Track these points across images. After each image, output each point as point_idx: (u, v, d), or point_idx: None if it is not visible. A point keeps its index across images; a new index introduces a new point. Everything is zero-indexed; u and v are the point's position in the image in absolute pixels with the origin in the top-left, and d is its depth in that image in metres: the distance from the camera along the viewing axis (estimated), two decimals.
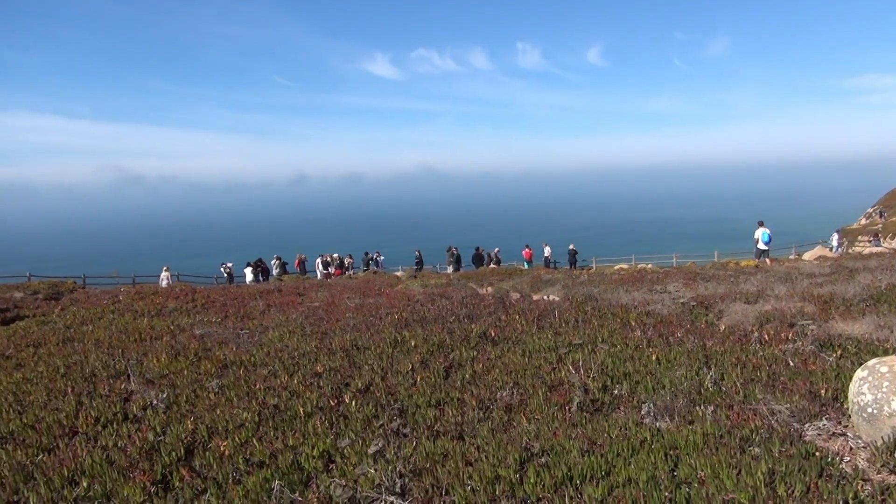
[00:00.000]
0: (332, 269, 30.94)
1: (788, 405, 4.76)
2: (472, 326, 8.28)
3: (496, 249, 33.73)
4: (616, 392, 5.49)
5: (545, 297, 12.18)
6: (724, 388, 5.32)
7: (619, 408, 5.26)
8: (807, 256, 26.48)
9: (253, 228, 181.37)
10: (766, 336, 6.95)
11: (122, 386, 6.51)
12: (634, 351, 6.69)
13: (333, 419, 5.19)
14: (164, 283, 27.23)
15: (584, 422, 4.86)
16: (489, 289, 17.69)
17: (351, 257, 34.77)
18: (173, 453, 4.70)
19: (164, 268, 29.01)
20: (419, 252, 34.90)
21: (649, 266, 29.45)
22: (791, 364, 5.91)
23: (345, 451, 4.52)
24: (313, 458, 4.46)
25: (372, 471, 4.13)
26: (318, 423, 5.08)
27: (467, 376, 6.17)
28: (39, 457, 4.87)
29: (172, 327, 9.87)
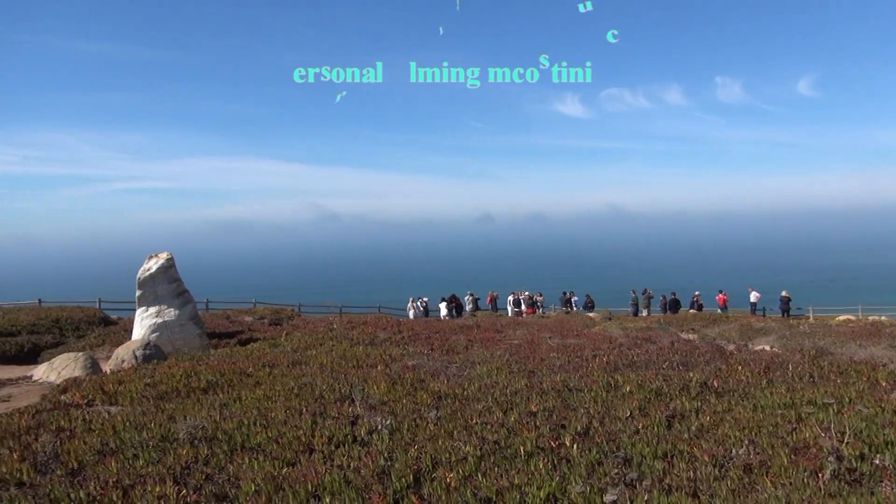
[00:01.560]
0: (524, 308, 31.05)
1: None
2: (691, 375, 7.78)
3: (696, 294, 31.76)
4: (877, 462, 4.80)
5: (765, 348, 11.17)
6: None
7: (882, 481, 4.58)
8: None
9: (441, 264, 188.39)
10: None
11: (349, 409, 6.94)
12: (893, 416, 5.85)
13: (555, 461, 5.09)
14: (410, 314, 29.04)
15: (842, 493, 4.29)
16: (692, 335, 16.66)
17: (541, 295, 34.69)
18: (402, 479, 4.87)
19: (411, 298, 31.31)
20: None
21: (883, 318, 25.93)
22: None
23: (574, 497, 4.39)
24: (540, 499, 4.38)
25: None
26: (540, 463, 5.00)
27: (693, 428, 5.76)
28: (284, 470, 5.30)
29: (385, 356, 10.42)
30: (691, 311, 29.04)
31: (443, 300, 32.02)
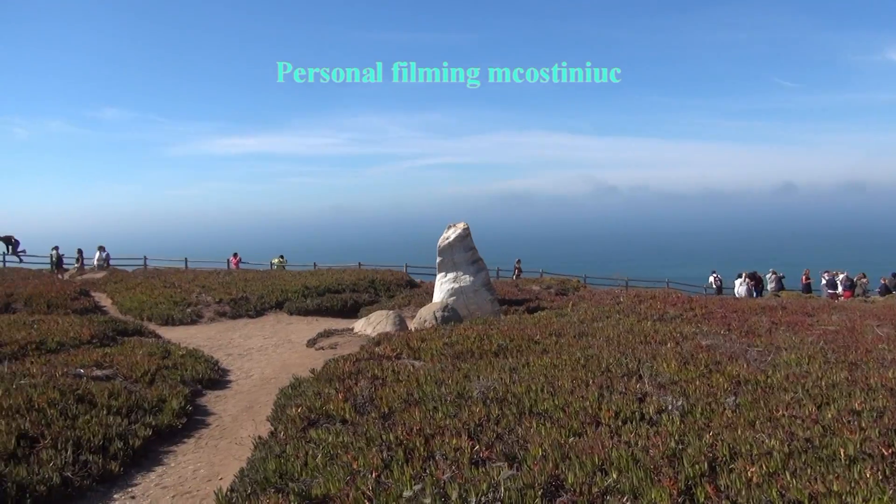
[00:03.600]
0: (840, 290, 27.10)
1: None
2: None
3: None
4: None
5: None
6: None
7: None
8: None
9: (732, 238, 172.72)
10: None
11: (637, 385, 6.72)
12: None
13: (887, 472, 4.30)
14: (742, 290, 27.81)
15: None
16: None
17: (865, 276, 29.86)
18: (696, 466, 4.55)
19: (713, 272, 30.73)
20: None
21: None
22: None
23: None
24: None
25: None
26: (867, 471, 4.27)
27: None
28: (571, 439, 5.31)
29: (676, 334, 9.89)
30: None
31: (739, 276, 29.44)
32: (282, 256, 34.26)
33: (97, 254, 30.90)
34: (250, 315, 18.68)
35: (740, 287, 28.55)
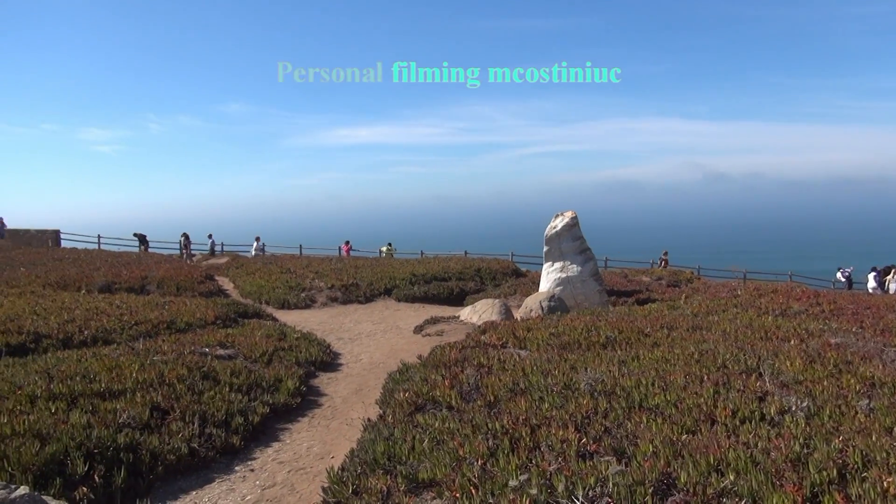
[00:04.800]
0: None
1: None
2: None
3: None
4: None
5: None
6: None
7: None
8: None
9: (864, 229, 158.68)
10: None
11: (756, 384, 6.34)
12: None
13: None
14: (870, 286, 25.72)
15: None
16: None
17: None
18: (824, 472, 4.23)
19: (839, 269, 28.15)
20: None
21: None
22: None
23: None
24: None
25: None
26: None
27: None
28: (684, 436, 5.10)
29: (800, 330, 9.26)
30: None
31: (872, 270, 27.15)
32: (390, 244, 35.10)
33: (255, 243, 33.12)
34: (360, 301, 19.28)
35: (873, 282, 26.33)
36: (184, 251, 32.42)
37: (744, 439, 4.97)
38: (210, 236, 34.15)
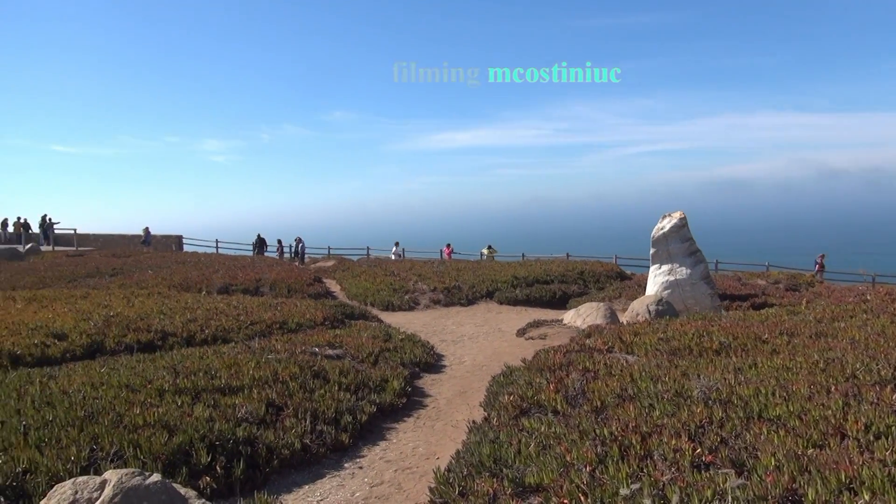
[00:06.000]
0: None
1: None
2: None
3: None
4: None
5: None
6: None
7: None
8: None
9: None
10: None
11: (892, 396, 5.83)
12: None
13: None
14: None
15: None
16: None
17: None
18: None
19: None
20: None
21: None
22: None
23: None
24: None
25: None
26: None
27: None
28: (810, 450, 4.76)
29: None
30: None
31: None
32: (490, 246, 35.09)
33: (394, 247, 34.49)
34: (462, 303, 19.41)
35: None
36: (290, 255, 34.15)
37: (879, 456, 4.57)
38: (299, 240, 35.30)
